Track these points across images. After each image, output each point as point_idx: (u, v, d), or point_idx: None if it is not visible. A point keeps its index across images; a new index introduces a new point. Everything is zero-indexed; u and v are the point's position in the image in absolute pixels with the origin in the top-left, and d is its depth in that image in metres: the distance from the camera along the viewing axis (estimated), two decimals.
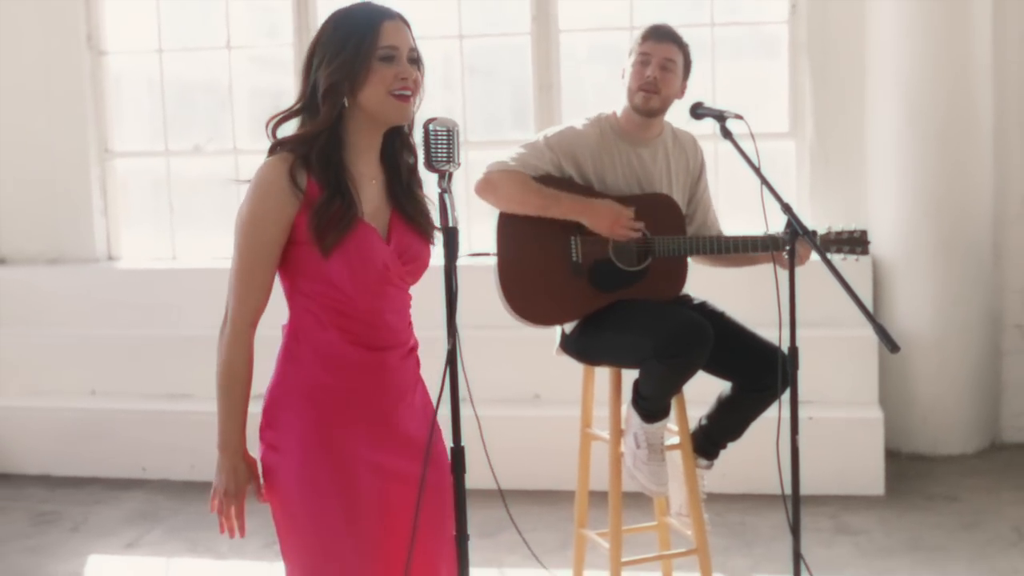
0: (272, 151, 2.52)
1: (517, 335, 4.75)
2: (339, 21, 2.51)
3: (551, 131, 3.91)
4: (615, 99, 3.94)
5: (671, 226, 3.86)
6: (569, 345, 3.95)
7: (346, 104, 2.50)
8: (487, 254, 3.85)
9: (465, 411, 3.21)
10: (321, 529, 2.54)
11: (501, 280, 3.81)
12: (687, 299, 3.97)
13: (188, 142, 6.62)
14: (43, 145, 6.62)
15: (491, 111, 6.69)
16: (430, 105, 2.58)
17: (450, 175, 2.43)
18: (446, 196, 2.41)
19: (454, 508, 2.49)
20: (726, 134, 3.52)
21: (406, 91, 2.49)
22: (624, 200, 3.81)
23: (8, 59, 6.63)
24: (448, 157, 2.42)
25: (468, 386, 3.38)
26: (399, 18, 2.54)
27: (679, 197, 3.94)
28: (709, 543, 4.00)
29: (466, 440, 3.53)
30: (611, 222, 3.74)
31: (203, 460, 5.56)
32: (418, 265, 2.61)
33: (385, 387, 2.58)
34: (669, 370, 3.69)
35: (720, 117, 3.59)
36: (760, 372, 3.71)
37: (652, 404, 3.80)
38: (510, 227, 3.82)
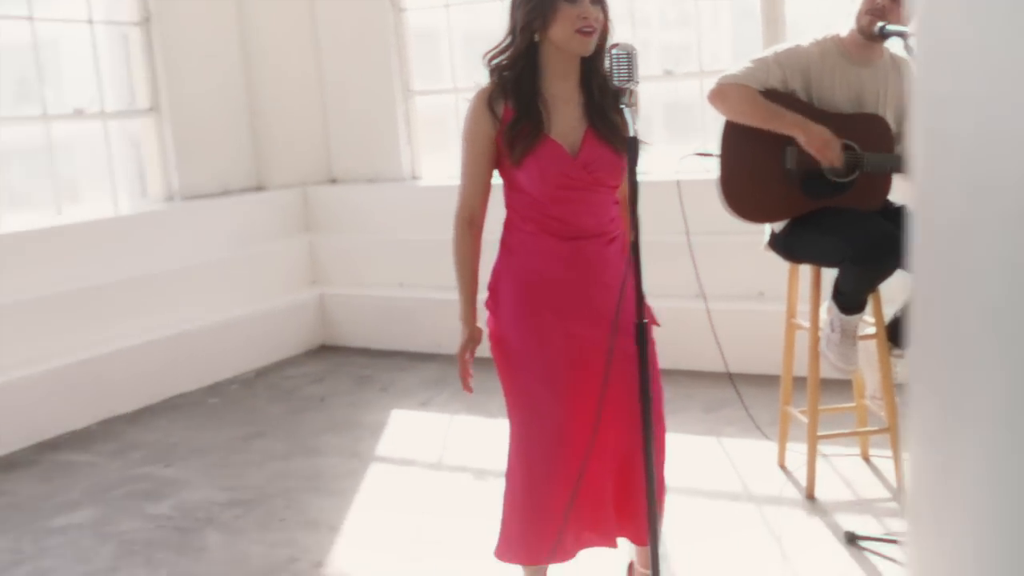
0: (490, 76, 2.98)
1: (747, 240, 4.98)
2: None
3: (780, 48, 4.13)
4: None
5: (881, 145, 4.03)
6: (777, 243, 4.25)
7: (537, 38, 2.89)
8: (710, 154, 4.18)
9: (697, 304, 3.89)
10: (523, 375, 2.99)
11: (721, 179, 4.11)
12: (888, 203, 4.16)
13: (472, 81, 7.45)
14: (361, 88, 7.84)
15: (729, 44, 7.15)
16: (669, 37, 3.05)
17: (631, 92, 2.69)
18: (627, 111, 2.66)
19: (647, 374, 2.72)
20: (910, 51, 3.73)
21: (588, 28, 2.84)
22: (841, 118, 4.01)
23: (332, 22, 7.89)
24: (628, 76, 2.66)
25: (700, 282, 4.00)
26: None
27: (891, 118, 4.09)
28: (901, 424, 4.18)
29: (699, 329, 4.20)
30: (822, 145, 3.95)
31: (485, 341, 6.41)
32: (606, 173, 2.93)
33: (579, 270, 2.95)
34: (863, 273, 3.98)
35: (903, 35, 3.76)
36: None
37: (849, 299, 4.09)
38: (733, 133, 4.08)
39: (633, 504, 3.02)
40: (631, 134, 2.63)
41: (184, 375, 6.61)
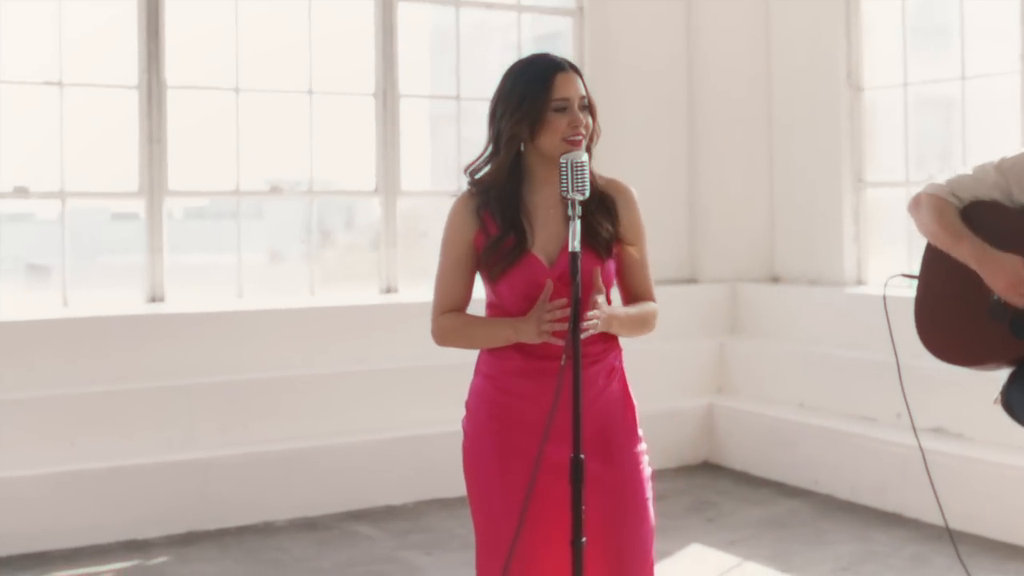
0: (470, 190, 2.85)
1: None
2: (516, 76, 2.78)
3: (1010, 154, 3.38)
4: None
5: None
6: (1002, 394, 3.37)
7: (523, 148, 2.77)
8: (915, 276, 3.47)
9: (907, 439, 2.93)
10: (484, 503, 2.84)
11: (916, 308, 3.44)
12: None
13: (925, 172, 6.63)
14: (807, 175, 7.07)
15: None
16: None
17: (574, 203, 2.58)
18: (570, 223, 2.58)
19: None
20: None
21: (577, 137, 2.73)
22: None
23: (786, 99, 7.22)
24: (571, 187, 2.59)
25: (911, 415, 3.74)
26: (570, 69, 2.77)
27: None
28: None
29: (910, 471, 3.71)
30: (1007, 284, 3.20)
31: (863, 483, 5.52)
32: (588, 283, 2.68)
33: (545, 390, 2.67)
34: None
35: None
36: None
37: None
38: (935, 254, 3.39)
39: None
40: (570, 249, 2.57)
41: None
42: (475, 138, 7.63)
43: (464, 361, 6.18)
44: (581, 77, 2.80)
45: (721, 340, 7.14)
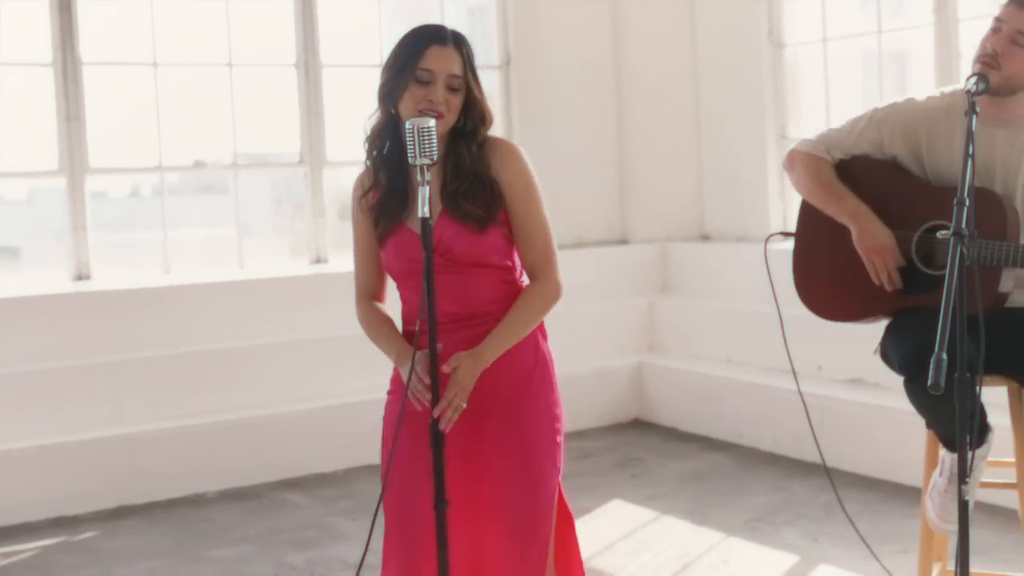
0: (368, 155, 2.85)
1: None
2: (401, 40, 2.75)
3: (883, 104, 3.36)
4: None
5: (990, 229, 3.05)
6: (880, 344, 3.38)
7: (393, 112, 2.74)
8: (792, 233, 3.50)
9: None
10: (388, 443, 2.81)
11: (793, 264, 3.46)
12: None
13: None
14: (732, 133, 7.12)
15: None
16: None
17: (423, 169, 2.52)
18: (420, 189, 2.53)
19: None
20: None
21: (431, 112, 2.65)
22: (948, 193, 2.89)
23: (707, 57, 7.27)
24: (418, 153, 2.52)
25: (792, 364, 3.67)
26: (450, 43, 2.72)
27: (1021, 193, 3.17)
28: None
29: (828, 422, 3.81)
30: (872, 249, 3.21)
31: (784, 434, 5.71)
32: (458, 253, 2.71)
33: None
34: (910, 393, 3.15)
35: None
36: None
37: (936, 429, 3.24)
38: (810, 211, 3.40)
39: None
40: (420, 215, 2.54)
41: None
42: None
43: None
44: (464, 56, 2.74)
45: (651, 299, 7.21)
